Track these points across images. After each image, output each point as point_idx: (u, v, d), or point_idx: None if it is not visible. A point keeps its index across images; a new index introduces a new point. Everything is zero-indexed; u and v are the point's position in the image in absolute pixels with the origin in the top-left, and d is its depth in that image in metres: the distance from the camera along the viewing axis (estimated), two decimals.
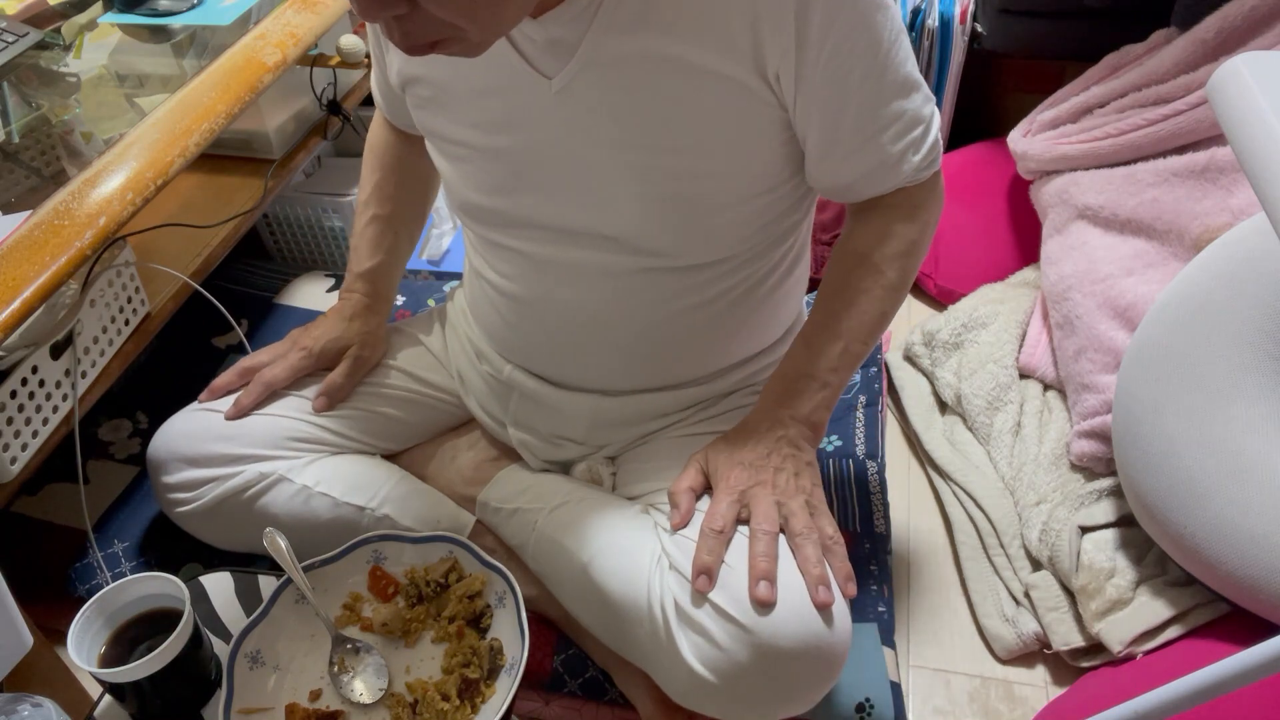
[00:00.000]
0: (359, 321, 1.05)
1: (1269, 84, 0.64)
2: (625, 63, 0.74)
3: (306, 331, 1.05)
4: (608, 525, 0.89)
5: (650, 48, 0.73)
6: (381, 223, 1.07)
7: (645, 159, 0.78)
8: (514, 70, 0.78)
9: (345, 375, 1.02)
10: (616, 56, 0.74)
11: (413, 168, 1.07)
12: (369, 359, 1.05)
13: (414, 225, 1.11)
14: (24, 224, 0.90)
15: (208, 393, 1.02)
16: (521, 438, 1.02)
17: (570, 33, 0.73)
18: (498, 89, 0.80)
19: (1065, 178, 1.39)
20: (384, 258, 1.07)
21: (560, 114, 0.78)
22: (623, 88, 0.75)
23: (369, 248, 1.07)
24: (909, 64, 0.78)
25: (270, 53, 1.17)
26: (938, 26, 1.59)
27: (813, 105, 0.76)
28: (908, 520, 1.28)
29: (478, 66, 0.79)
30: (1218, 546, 0.96)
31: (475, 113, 0.83)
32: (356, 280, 1.07)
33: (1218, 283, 1.01)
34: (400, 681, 0.84)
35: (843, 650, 0.79)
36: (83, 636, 0.77)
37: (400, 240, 1.09)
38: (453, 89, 0.83)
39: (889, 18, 0.75)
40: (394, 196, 1.07)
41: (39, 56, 1.19)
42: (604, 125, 0.77)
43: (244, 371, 1.02)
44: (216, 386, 1.02)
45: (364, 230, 1.07)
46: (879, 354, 1.35)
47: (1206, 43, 1.30)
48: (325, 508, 0.99)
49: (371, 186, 1.07)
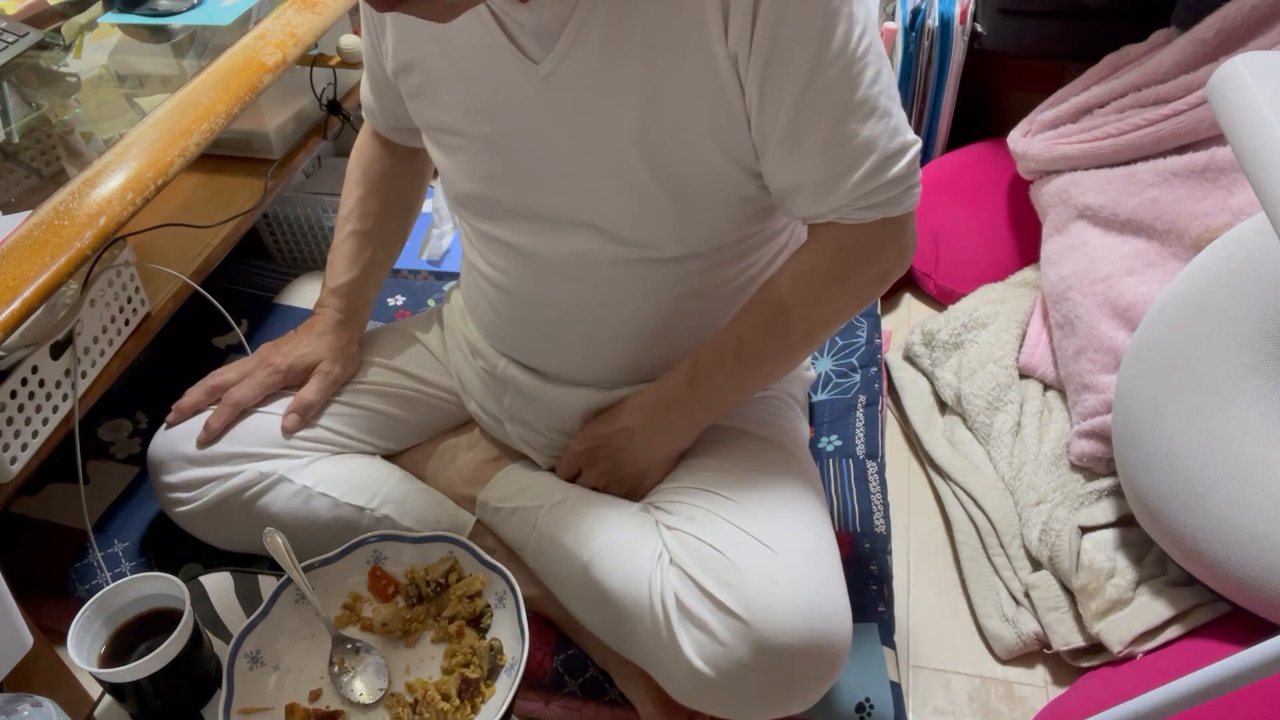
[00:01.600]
0: (330, 337, 1.03)
1: (1269, 84, 0.64)
2: (610, 47, 0.74)
3: (275, 348, 1.03)
4: (608, 523, 0.89)
5: (634, 32, 0.73)
6: (360, 238, 1.05)
7: (628, 144, 0.78)
8: (502, 55, 0.78)
9: (316, 393, 1.00)
10: (601, 41, 0.74)
11: (396, 185, 1.06)
12: (340, 376, 1.03)
13: (393, 243, 1.10)
14: (24, 224, 0.90)
15: (175, 413, 1.00)
16: (520, 433, 1.02)
17: (557, 17, 0.74)
18: (487, 74, 0.80)
19: (1065, 178, 1.39)
20: (359, 273, 1.05)
21: (547, 99, 0.78)
22: (607, 72, 0.75)
23: (345, 263, 1.05)
24: (874, 89, 0.73)
25: (270, 53, 1.17)
26: (938, 26, 1.59)
27: (753, 96, 0.74)
28: (908, 520, 1.28)
29: (468, 52, 0.80)
30: (1218, 546, 0.96)
31: (466, 99, 0.83)
32: (330, 295, 1.05)
33: (1218, 283, 1.01)
34: (400, 681, 0.84)
35: (843, 648, 0.79)
36: (83, 636, 0.77)
37: (378, 256, 1.07)
38: (444, 76, 0.84)
39: (856, 31, 0.71)
40: (375, 213, 1.06)
41: (39, 56, 1.19)
42: (588, 110, 0.77)
43: (211, 390, 1.00)
44: (184, 407, 0.99)
45: (341, 245, 1.06)
46: (879, 354, 1.35)
47: (1206, 43, 1.30)
48: (325, 508, 0.99)
49: (353, 202, 1.06)
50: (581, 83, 0.76)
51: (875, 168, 0.75)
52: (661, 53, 0.73)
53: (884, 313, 1.60)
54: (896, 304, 1.63)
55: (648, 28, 0.73)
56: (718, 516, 0.83)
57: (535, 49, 0.77)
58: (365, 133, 1.08)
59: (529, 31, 0.76)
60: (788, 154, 0.76)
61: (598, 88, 0.76)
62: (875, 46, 0.73)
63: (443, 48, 0.82)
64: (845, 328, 1.37)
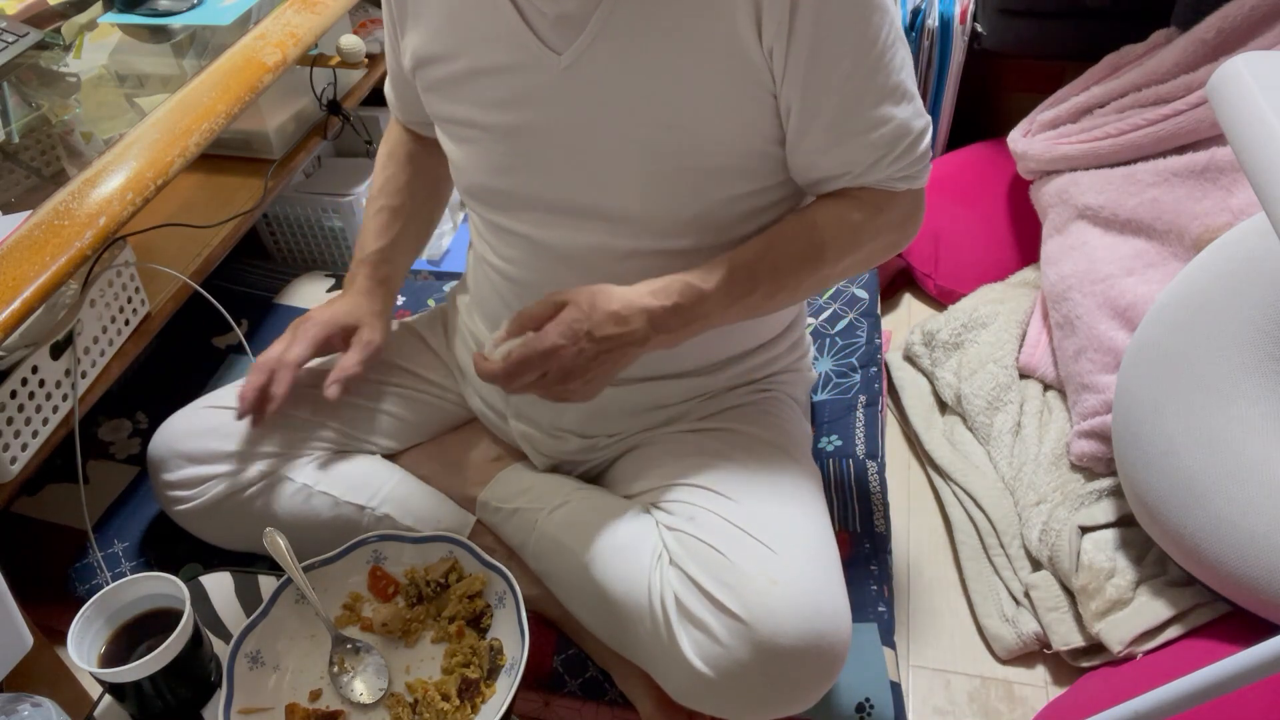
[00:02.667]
0: (364, 299, 1.01)
1: (1269, 84, 0.64)
2: (634, 36, 0.75)
3: (306, 316, 0.99)
4: (608, 524, 0.89)
5: (659, 21, 0.74)
6: (389, 212, 1.04)
7: (650, 134, 0.78)
8: (525, 46, 0.78)
9: (358, 363, 0.97)
10: (626, 30, 0.74)
11: (424, 164, 1.06)
12: (379, 344, 1.00)
13: (423, 222, 1.08)
14: (24, 224, 0.90)
15: (242, 403, 0.95)
16: (523, 430, 1.02)
17: (581, 7, 0.74)
18: (508, 66, 0.80)
19: (1065, 178, 1.39)
20: (388, 242, 1.04)
21: (568, 90, 0.79)
22: (630, 62, 0.76)
23: (374, 235, 1.04)
24: (903, 73, 0.78)
25: (270, 53, 1.17)
26: (938, 26, 1.59)
27: (794, 89, 0.76)
28: (908, 520, 1.28)
29: (488, 44, 0.80)
30: (1218, 546, 0.96)
31: (485, 91, 0.83)
32: (359, 265, 1.03)
33: (1218, 283, 1.01)
34: (400, 681, 0.84)
35: (843, 649, 0.79)
36: (83, 636, 0.77)
37: (408, 229, 1.05)
38: (462, 68, 0.84)
39: (887, 20, 0.75)
40: (403, 189, 1.05)
41: (39, 56, 1.19)
42: (611, 100, 0.78)
43: (262, 368, 0.96)
44: (246, 394, 0.95)
45: (370, 220, 1.04)
46: (879, 354, 1.35)
47: (1206, 43, 1.30)
48: (325, 507, 0.99)
49: (382, 180, 1.05)
50: (604, 74, 0.77)
51: (909, 146, 0.80)
52: (687, 44, 0.74)
53: (884, 313, 1.60)
54: (896, 304, 1.63)
55: (673, 19, 0.74)
56: (718, 516, 0.83)
57: (557, 40, 0.77)
58: (392, 125, 1.08)
59: (551, 22, 0.76)
60: (833, 142, 0.79)
61: (620, 79, 0.77)
62: (898, 29, 0.77)
63: (461, 40, 0.82)
64: (846, 328, 1.37)
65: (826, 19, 0.72)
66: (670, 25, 0.74)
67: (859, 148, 0.79)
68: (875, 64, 0.75)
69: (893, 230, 0.85)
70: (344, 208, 1.54)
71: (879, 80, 0.76)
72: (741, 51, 0.74)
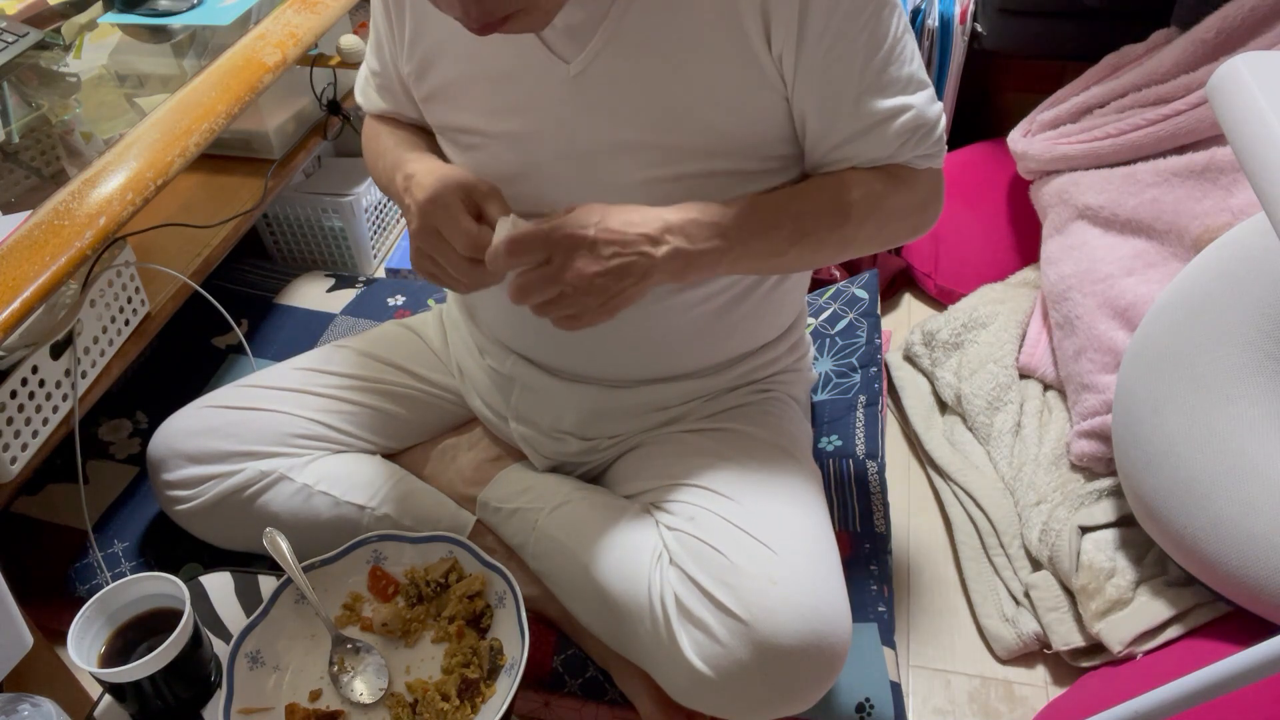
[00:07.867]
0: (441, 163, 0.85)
1: (1269, 84, 0.64)
2: (642, 45, 0.75)
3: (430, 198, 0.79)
4: (608, 524, 0.89)
5: (667, 30, 0.74)
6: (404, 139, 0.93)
7: (655, 141, 0.79)
8: (532, 55, 0.78)
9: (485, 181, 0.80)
10: (634, 39, 0.75)
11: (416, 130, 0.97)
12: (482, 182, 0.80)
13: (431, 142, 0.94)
14: (24, 224, 0.90)
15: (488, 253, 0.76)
16: (523, 432, 1.02)
17: (591, 16, 0.75)
18: (514, 74, 0.80)
19: (1065, 178, 1.39)
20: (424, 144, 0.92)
21: (574, 98, 0.79)
22: (638, 70, 0.76)
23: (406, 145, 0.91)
24: (915, 63, 0.79)
25: (270, 53, 1.17)
26: (938, 26, 1.59)
27: (810, 92, 0.76)
28: (908, 520, 1.28)
29: (496, 52, 0.80)
30: (1218, 546, 0.96)
31: (490, 99, 0.83)
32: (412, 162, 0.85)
33: (1218, 283, 1.01)
34: (400, 681, 0.84)
35: (842, 649, 0.79)
36: (83, 636, 0.77)
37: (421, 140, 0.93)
38: (467, 76, 0.83)
39: (896, 14, 0.76)
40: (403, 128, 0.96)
41: (39, 56, 1.19)
42: (617, 108, 0.78)
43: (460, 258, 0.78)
44: None
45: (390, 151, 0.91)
46: (879, 354, 1.35)
47: (1206, 43, 1.30)
48: (325, 506, 0.99)
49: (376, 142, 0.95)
50: (612, 82, 0.77)
51: (926, 132, 0.81)
52: (694, 51, 0.74)
53: (884, 313, 1.60)
54: (896, 304, 1.63)
55: (680, 27, 0.74)
56: (718, 516, 0.83)
57: (566, 48, 0.77)
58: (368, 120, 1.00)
59: (560, 30, 0.76)
60: (853, 137, 0.79)
61: (629, 86, 0.77)
62: (905, 21, 0.78)
63: (466, 49, 0.82)
64: (846, 328, 1.37)
65: (838, 22, 0.73)
66: (677, 34, 0.74)
67: (879, 140, 0.79)
68: (889, 58, 0.76)
69: (914, 213, 0.86)
70: (344, 208, 1.54)
71: (895, 73, 0.77)
72: (750, 58, 0.74)
